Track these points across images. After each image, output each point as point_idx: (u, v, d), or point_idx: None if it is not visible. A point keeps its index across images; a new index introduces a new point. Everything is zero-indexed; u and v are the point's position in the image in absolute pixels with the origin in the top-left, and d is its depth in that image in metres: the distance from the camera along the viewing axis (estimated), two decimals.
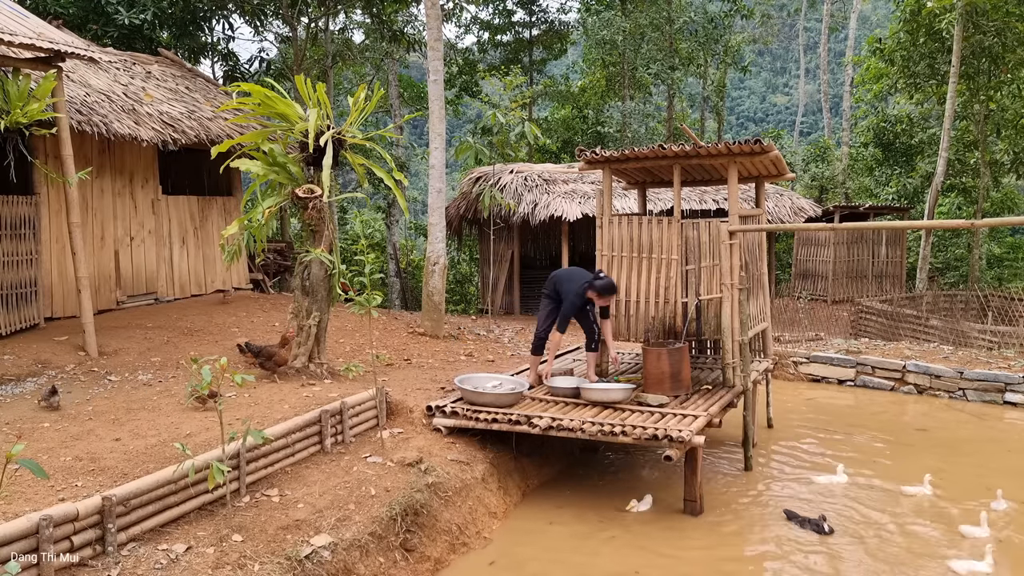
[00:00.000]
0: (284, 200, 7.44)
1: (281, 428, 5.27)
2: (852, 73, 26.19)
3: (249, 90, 7.30)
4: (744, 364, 7.05)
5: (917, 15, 17.06)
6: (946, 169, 17.06)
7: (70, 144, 7.99)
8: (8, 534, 3.51)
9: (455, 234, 17.22)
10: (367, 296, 6.04)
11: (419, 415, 6.53)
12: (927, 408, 9.37)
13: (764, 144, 6.79)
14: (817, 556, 5.31)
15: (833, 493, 6.47)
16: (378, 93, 7.59)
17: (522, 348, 10.83)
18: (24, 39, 7.16)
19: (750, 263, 7.76)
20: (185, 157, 11.66)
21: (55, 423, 5.66)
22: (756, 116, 56.23)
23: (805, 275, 18.85)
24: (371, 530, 4.74)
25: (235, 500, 4.69)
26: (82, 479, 4.51)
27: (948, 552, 5.35)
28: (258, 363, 7.20)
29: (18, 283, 8.33)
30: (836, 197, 23.62)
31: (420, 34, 20.26)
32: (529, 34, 25.25)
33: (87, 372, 7.38)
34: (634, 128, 21.66)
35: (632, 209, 14.00)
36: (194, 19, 16.11)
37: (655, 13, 21.69)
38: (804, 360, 10.89)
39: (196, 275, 11.66)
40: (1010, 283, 19.53)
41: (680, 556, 5.35)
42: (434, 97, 10.87)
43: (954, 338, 12.20)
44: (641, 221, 7.47)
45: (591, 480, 6.89)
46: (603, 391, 6.59)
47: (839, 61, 38.30)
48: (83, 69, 10.21)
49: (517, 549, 5.45)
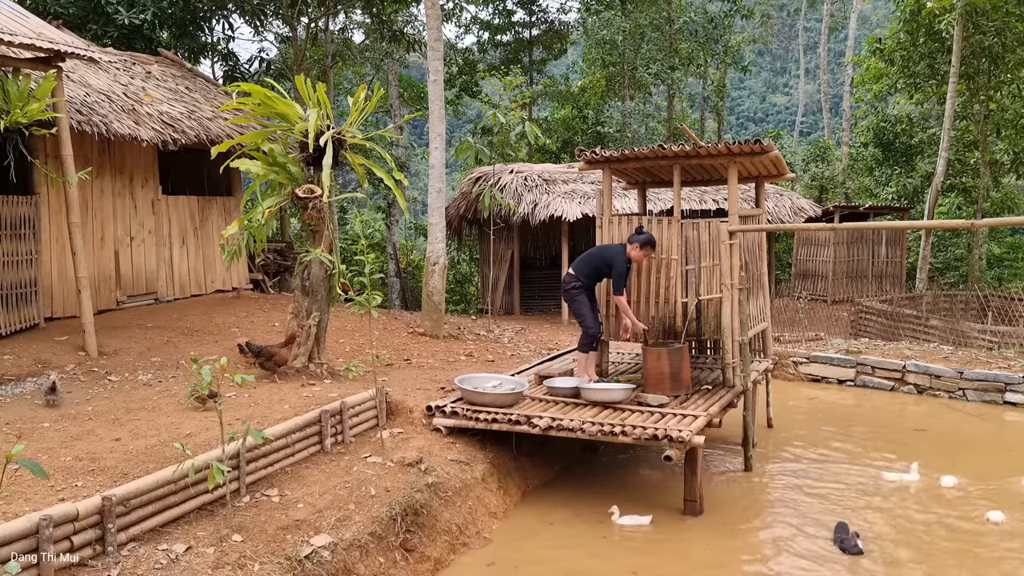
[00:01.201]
0: (284, 200, 7.44)
1: (281, 428, 5.27)
2: (852, 73, 26.19)
3: (249, 90, 7.30)
4: (744, 364, 7.05)
5: (917, 15, 17.06)
6: (946, 169, 17.06)
7: (70, 144, 7.99)
8: (8, 534, 3.51)
9: (455, 234, 17.22)
10: (367, 296, 6.04)
11: (419, 415, 6.53)
12: (927, 408, 9.37)
13: (764, 144, 6.80)
14: (817, 554, 5.31)
15: (848, 488, 6.47)
16: (378, 93, 7.59)
17: (522, 348, 10.84)
18: (24, 39, 7.16)
19: (750, 263, 7.76)
20: (185, 157, 11.65)
21: (55, 423, 5.66)
22: (756, 116, 56.22)
23: (805, 275, 18.85)
24: (371, 530, 4.75)
25: (235, 500, 4.69)
26: (82, 479, 4.51)
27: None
28: (258, 363, 7.20)
29: (18, 283, 8.33)
30: (836, 197, 23.62)
31: (420, 34, 20.26)
32: (529, 34, 25.24)
33: (87, 372, 7.38)
34: (634, 128, 21.65)
35: (632, 209, 14.00)
36: (194, 19, 16.11)
37: (655, 13, 21.69)
38: (804, 360, 10.89)
39: (196, 275, 11.66)
40: (1010, 283, 19.53)
41: (680, 556, 5.34)
42: (434, 97, 10.88)
43: (954, 338, 12.20)
44: (641, 221, 7.47)
45: (591, 480, 6.89)
46: (603, 391, 6.59)
47: (839, 61, 38.31)
48: (83, 69, 10.21)
49: (517, 549, 5.45)
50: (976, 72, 17.26)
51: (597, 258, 7.19)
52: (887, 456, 7.45)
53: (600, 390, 6.61)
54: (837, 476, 6.90)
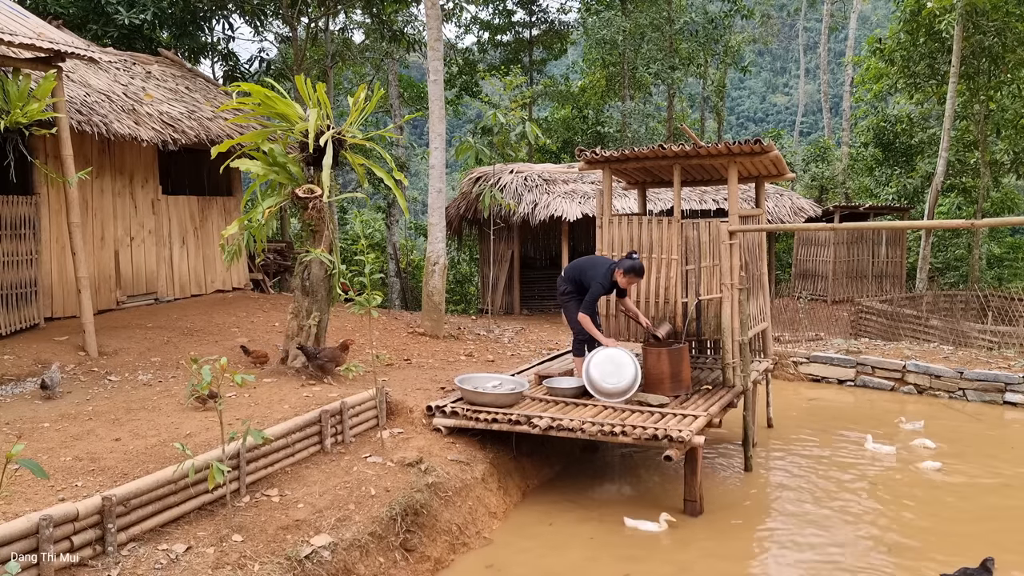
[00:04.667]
0: (284, 200, 7.44)
1: (281, 428, 5.27)
2: (852, 73, 26.18)
3: (249, 90, 7.30)
4: (744, 364, 7.05)
5: (917, 15, 17.06)
6: (946, 169, 17.06)
7: (70, 144, 7.99)
8: (8, 534, 3.51)
9: (455, 234, 17.22)
10: (367, 296, 6.04)
11: (419, 415, 6.53)
12: (927, 408, 9.37)
13: (764, 144, 6.80)
14: (817, 554, 5.31)
15: (844, 487, 6.48)
16: (378, 93, 7.59)
17: (522, 348, 10.83)
18: (24, 39, 7.16)
19: (750, 263, 7.76)
20: (185, 157, 11.66)
21: (55, 423, 5.66)
22: (756, 116, 56.21)
23: (805, 275, 18.85)
24: (371, 530, 4.75)
25: (235, 500, 4.69)
26: (82, 479, 4.51)
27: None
28: (313, 366, 7.13)
29: (18, 283, 8.33)
30: (836, 197, 23.62)
31: (420, 34, 20.25)
32: (529, 34, 25.24)
33: (87, 372, 7.38)
34: (634, 128, 21.65)
35: (632, 209, 14.00)
36: (194, 19, 16.11)
37: (655, 13, 21.69)
38: (804, 360, 10.89)
39: (196, 275, 11.66)
40: (1010, 283, 19.54)
41: (680, 557, 5.34)
42: (434, 97, 10.87)
43: (954, 338, 12.20)
44: (641, 221, 7.47)
45: (591, 480, 6.89)
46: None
47: (839, 61, 38.31)
48: (83, 69, 10.21)
49: (517, 549, 5.45)
50: (976, 72, 17.26)
51: (580, 271, 7.10)
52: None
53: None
54: (837, 475, 6.90)
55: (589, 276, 6.97)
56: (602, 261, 7.07)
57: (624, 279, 6.87)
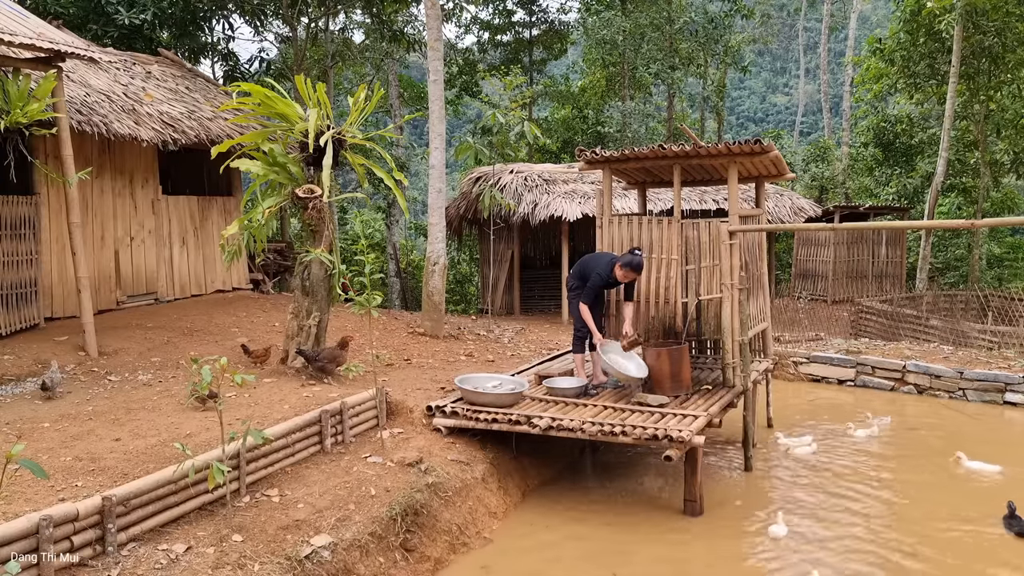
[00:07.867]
0: (284, 200, 7.44)
1: (281, 428, 5.27)
2: (852, 73, 26.18)
3: (249, 90, 7.30)
4: (744, 364, 7.05)
5: (917, 15, 17.05)
6: (946, 169, 17.05)
7: (70, 144, 7.98)
8: (8, 534, 3.51)
9: (455, 234, 17.22)
10: (367, 296, 6.04)
11: (419, 415, 6.53)
12: (927, 408, 9.37)
13: (764, 144, 6.80)
14: (817, 553, 5.31)
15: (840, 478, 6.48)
16: (378, 93, 7.59)
17: (522, 348, 10.84)
18: (24, 39, 7.16)
19: (750, 263, 7.76)
20: (185, 157, 11.65)
21: (55, 423, 5.66)
22: (756, 116, 56.18)
23: (805, 275, 18.85)
24: (371, 530, 4.75)
25: (235, 500, 4.69)
26: (82, 479, 4.51)
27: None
28: (313, 368, 7.14)
29: (18, 283, 8.32)
30: (836, 197, 23.61)
31: (420, 34, 20.25)
32: (529, 34, 25.24)
33: (87, 372, 7.38)
34: (634, 128, 21.64)
35: (632, 209, 13.99)
36: (194, 19, 16.10)
37: (655, 13, 21.68)
38: (804, 360, 10.89)
39: (196, 275, 11.66)
40: (1010, 283, 19.52)
41: (680, 556, 5.34)
42: (434, 97, 10.87)
43: (954, 338, 12.20)
44: (641, 221, 7.47)
45: (591, 480, 6.89)
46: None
47: (839, 61, 38.29)
48: (83, 69, 10.21)
49: (517, 549, 5.45)
50: (976, 72, 17.26)
51: (585, 266, 7.24)
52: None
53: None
54: (837, 475, 6.89)
55: (591, 269, 7.08)
56: (606, 256, 7.20)
57: (621, 272, 6.93)
